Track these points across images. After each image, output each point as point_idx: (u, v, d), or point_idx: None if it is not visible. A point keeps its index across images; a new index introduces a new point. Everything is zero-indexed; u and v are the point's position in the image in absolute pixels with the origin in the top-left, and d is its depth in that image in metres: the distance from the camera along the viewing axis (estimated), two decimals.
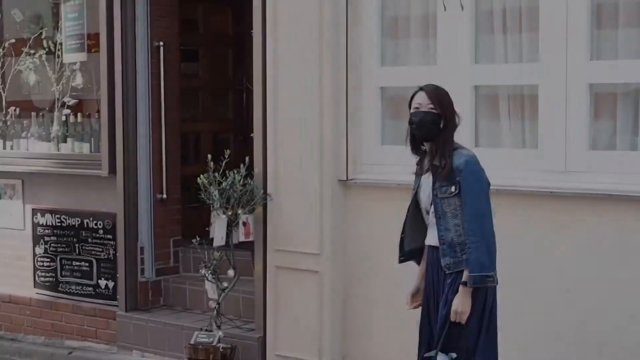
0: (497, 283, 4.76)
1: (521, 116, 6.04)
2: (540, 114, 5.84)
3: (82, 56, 8.29)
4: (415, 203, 5.08)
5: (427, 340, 4.98)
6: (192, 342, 6.88)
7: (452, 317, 4.75)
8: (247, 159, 6.86)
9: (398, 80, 6.44)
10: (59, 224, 8.31)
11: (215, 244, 6.80)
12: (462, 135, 6.02)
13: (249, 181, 6.77)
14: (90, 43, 8.21)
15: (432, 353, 4.79)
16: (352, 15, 6.49)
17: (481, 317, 4.80)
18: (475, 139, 6.11)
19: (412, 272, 6.20)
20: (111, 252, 7.97)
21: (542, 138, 5.83)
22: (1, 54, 8.99)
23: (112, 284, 7.97)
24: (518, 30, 6.01)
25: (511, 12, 6.04)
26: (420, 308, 5.10)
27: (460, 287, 4.74)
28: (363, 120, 6.53)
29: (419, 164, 5.08)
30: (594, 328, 5.62)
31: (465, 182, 4.78)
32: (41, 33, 8.73)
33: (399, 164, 6.35)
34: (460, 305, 4.72)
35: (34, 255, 8.51)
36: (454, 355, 4.75)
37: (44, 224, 8.42)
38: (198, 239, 6.95)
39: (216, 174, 6.73)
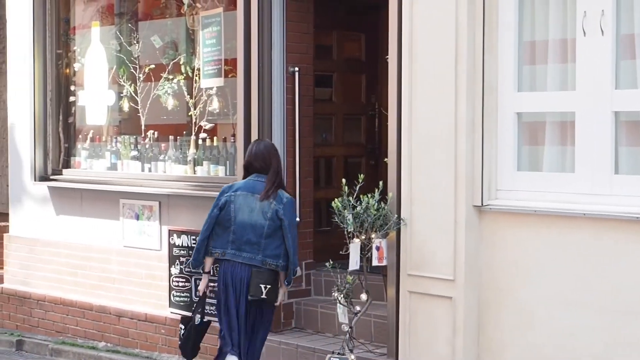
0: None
1: None
2: None
3: (219, 81, 8.49)
4: None
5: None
6: None
7: None
8: (381, 183, 6.89)
9: (535, 106, 6.38)
10: (194, 245, 8.45)
11: (350, 267, 6.82)
12: (602, 162, 5.96)
13: (383, 206, 6.78)
14: (227, 69, 8.40)
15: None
16: (488, 40, 6.45)
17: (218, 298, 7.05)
18: (615, 166, 5.98)
19: (547, 301, 6.14)
20: None
21: None
22: (141, 79, 9.27)
23: None
24: None
25: None
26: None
27: None
28: (499, 145, 6.48)
29: None
30: None
31: None
32: (179, 59, 8.98)
33: (535, 190, 6.29)
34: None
35: (170, 275, 8.66)
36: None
37: (180, 244, 8.57)
38: (331, 262, 7.00)
39: (350, 198, 6.77)
